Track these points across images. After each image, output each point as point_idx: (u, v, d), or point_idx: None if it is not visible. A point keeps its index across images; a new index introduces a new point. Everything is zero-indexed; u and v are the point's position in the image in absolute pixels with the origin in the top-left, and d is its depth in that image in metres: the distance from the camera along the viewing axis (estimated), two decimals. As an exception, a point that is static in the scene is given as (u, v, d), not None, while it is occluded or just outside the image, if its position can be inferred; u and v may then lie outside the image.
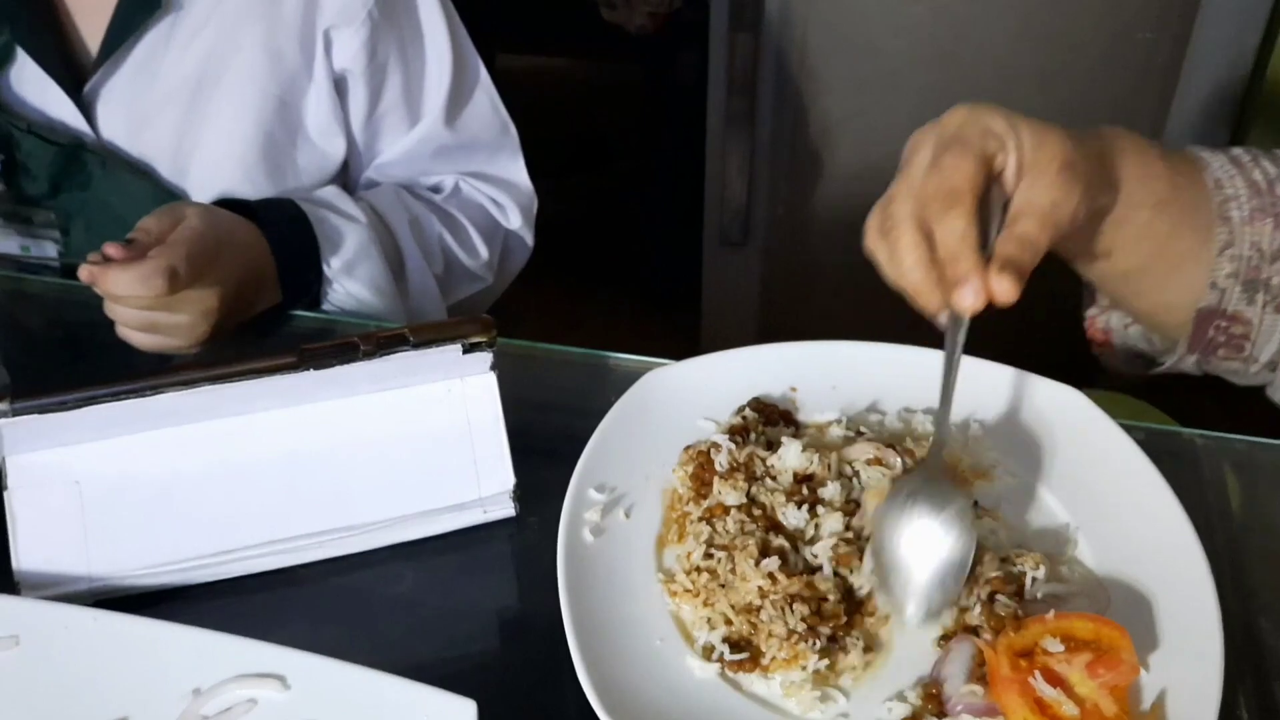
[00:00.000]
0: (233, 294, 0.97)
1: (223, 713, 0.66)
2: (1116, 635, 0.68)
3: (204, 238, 0.94)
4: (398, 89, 1.15)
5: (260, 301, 1.04)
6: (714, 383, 0.89)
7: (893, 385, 0.88)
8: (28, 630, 0.69)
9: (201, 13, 1.06)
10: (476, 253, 1.22)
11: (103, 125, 1.09)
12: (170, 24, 1.06)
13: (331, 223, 1.09)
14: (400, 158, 1.19)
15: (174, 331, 0.95)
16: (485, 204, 1.24)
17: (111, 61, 1.06)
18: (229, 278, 0.97)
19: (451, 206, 1.22)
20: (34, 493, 0.76)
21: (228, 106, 1.09)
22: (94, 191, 1.09)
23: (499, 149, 1.24)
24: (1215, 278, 0.81)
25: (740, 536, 0.75)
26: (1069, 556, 0.77)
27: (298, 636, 0.68)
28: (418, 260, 1.16)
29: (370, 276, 1.11)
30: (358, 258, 1.10)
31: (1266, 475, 0.89)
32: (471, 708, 0.64)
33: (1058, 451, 0.83)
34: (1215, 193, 0.81)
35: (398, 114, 1.17)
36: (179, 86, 1.08)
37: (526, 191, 1.26)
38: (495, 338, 0.79)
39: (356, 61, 1.11)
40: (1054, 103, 2.03)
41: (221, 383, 0.75)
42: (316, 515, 0.79)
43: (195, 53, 1.07)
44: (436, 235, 1.19)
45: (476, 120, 1.21)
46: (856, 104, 2.13)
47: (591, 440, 0.82)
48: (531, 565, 0.79)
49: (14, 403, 0.72)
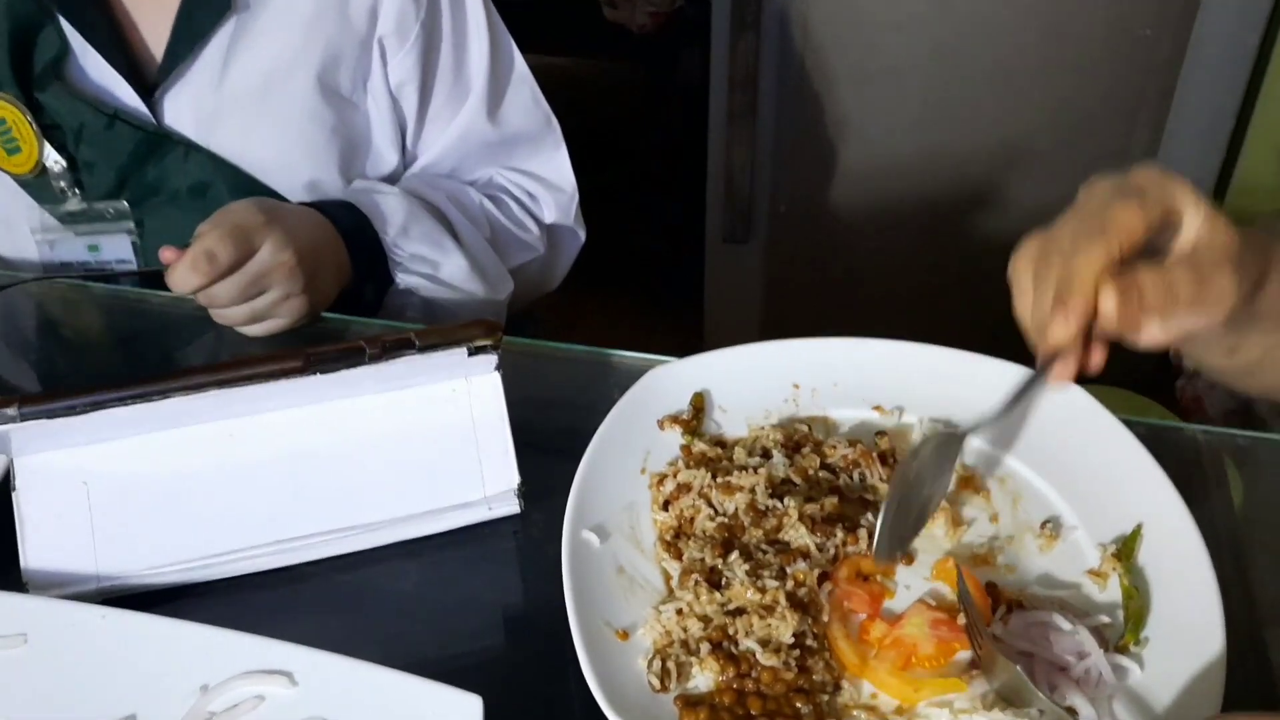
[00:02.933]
0: (308, 252, 0.99)
1: (230, 709, 0.66)
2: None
3: (242, 213, 0.97)
4: (445, 93, 1.17)
5: (338, 270, 1.05)
6: (716, 380, 0.89)
7: (895, 383, 0.89)
8: (36, 628, 0.70)
9: (270, 15, 1.07)
10: (522, 223, 1.23)
11: (170, 125, 1.09)
12: (237, 25, 1.06)
13: (371, 198, 1.11)
14: (443, 155, 1.20)
15: (276, 310, 0.98)
16: (519, 194, 1.24)
17: (181, 65, 1.06)
18: (295, 236, 0.98)
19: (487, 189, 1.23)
20: (42, 493, 0.77)
21: (297, 110, 1.10)
22: (166, 185, 1.10)
23: (541, 142, 1.25)
24: None
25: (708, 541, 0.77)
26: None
27: (305, 633, 0.68)
28: (464, 223, 1.16)
29: (425, 233, 1.12)
30: (408, 220, 1.11)
31: (1268, 470, 0.90)
32: (477, 703, 0.64)
33: (1060, 447, 0.83)
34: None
35: (446, 114, 1.18)
36: (246, 88, 1.08)
37: (568, 186, 1.27)
38: (500, 340, 0.79)
39: (410, 70, 1.13)
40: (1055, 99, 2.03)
41: (227, 386, 0.75)
42: (323, 514, 0.80)
43: (263, 55, 1.07)
44: (477, 202, 1.20)
45: (518, 114, 1.22)
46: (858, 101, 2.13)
47: (595, 437, 0.82)
48: (536, 561, 0.80)
49: (22, 407, 0.72)
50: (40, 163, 1.08)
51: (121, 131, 1.07)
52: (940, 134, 2.10)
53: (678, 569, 0.76)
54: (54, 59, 1.06)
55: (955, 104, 2.05)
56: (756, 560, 0.75)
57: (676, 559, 0.76)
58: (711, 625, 0.72)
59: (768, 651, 0.70)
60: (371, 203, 1.10)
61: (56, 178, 1.09)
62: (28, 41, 1.06)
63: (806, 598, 0.73)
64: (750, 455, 0.83)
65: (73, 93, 1.07)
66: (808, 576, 0.74)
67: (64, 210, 1.10)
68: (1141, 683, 0.68)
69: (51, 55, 1.06)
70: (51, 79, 1.06)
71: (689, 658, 0.71)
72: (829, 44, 2.08)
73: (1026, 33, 2.00)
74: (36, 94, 1.06)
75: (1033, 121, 2.07)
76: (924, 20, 2.02)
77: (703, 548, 0.76)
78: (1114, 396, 0.93)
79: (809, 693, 0.69)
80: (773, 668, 0.69)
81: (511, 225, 1.22)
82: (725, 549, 0.76)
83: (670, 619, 0.72)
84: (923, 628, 0.72)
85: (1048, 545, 0.78)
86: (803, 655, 0.70)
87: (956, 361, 0.89)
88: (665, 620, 0.72)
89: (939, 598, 0.75)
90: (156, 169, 1.09)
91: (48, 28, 1.05)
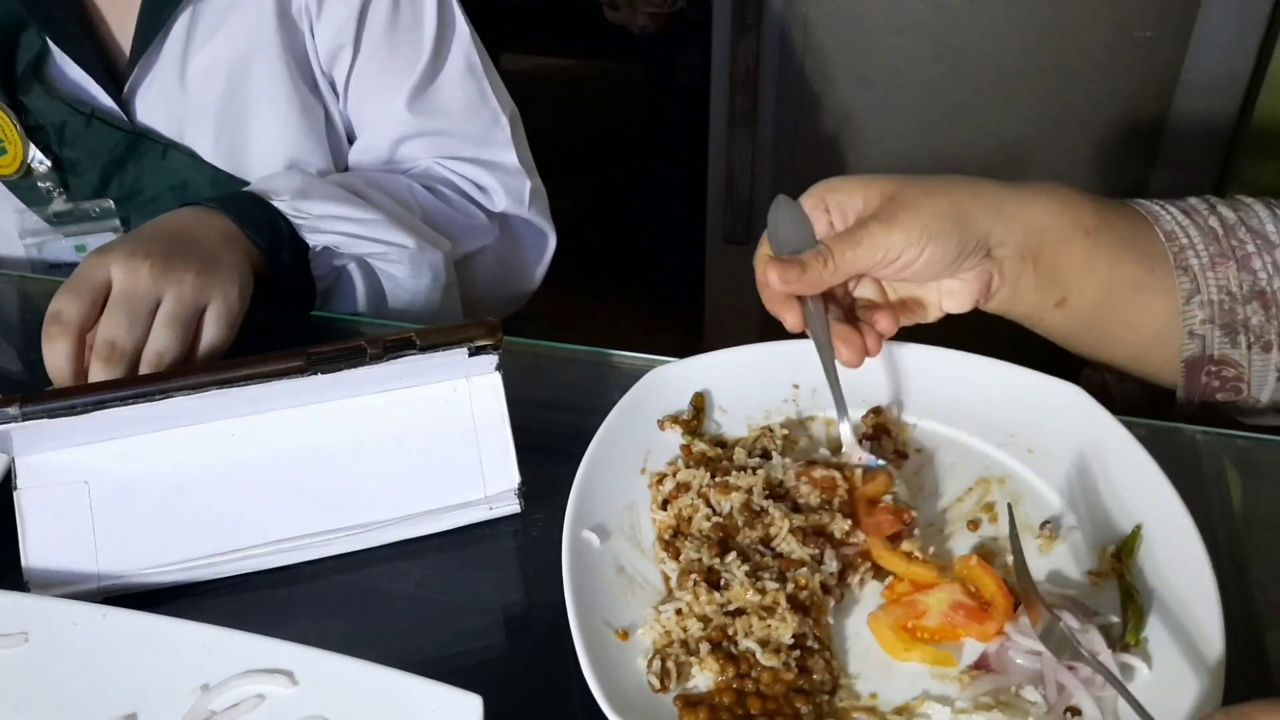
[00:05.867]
0: (166, 239, 0.91)
1: (231, 708, 0.66)
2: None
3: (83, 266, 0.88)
4: (376, 70, 1.13)
5: (225, 240, 0.96)
6: (717, 380, 0.89)
7: (894, 383, 0.89)
8: (37, 627, 0.70)
9: (226, 2, 1.07)
10: (464, 208, 1.18)
11: (144, 123, 1.09)
12: (193, 14, 1.06)
13: (262, 181, 1.06)
14: (370, 144, 1.17)
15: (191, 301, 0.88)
16: (462, 184, 1.19)
17: (145, 57, 1.07)
18: (141, 238, 0.91)
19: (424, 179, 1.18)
20: (43, 492, 0.77)
21: (263, 93, 1.09)
22: (148, 183, 1.10)
23: (485, 141, 1.20)
24: (1190, 326, 0.82)
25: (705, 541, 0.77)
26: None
27: (305, 632, 0.68)
28: (384, 198, 1.09)
29: (329, 194, 1.05)
30: (305, 187, 1.04)
31: (1267, 471, 0.89)
32: (478, 702, 0.64)
33: (1059, 447, 0.83)
34: (1170, 244, 0.83)
35: (376, 98, 1.14)
36: (210, 80, 1.08)
37: (521, 176, 1.21)
38: (501, 340, 0.79)
39: (341, 35, 1.10)
40: (1055, 100, 2.03)
41: (228, 386, 0.75)
42: (323, 513, 0.80)
43: (221, 42, 1.07)
44: (405, 185, 1.14)
45: (455, 106, 1.17)
46: (859, 102, 2.13)
47: (595, 437, 0.82)
48: (536, 561, 0.80)
49: (23, 407, 0.72)
50: (26, 163, 1.08)
51: (99, 131, 1.07)
52: (940, 135, 2.10)
53: (675, 569, 0.76)
54: (34, 60, 1.06)
55: (955, 105, 2.05)
56: (755, 562, 0.75)
57: (674, 558, 0.77)
58: (711, 625, 0.72)
59: (768, 652, 0.70)
60: (264, 182, 1.06)
61: (42, 178, 1.09)
62: (9, 43, 1.06)
63: (808, 600, 0.73)
64: (750, 456, 0.83)
65: (53, 93, 1.07)
66: (809, 581, 0.73)
67: (50, 211, 1.10)
68: (1142, 683, 0.68)
69: (32, 56, 1.06)
70: (33, 80, 1.07)
71: (689, 658, 0.71)
72: (829, 46, 2.09)
73: (1027, 34, 2.00)
74: (20, 96, 1.07)
75: (1033, 123, 2.07)
76: (925, 22, 2.02)
77: (699, 547, 0.76)
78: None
79: (809, 693, 0.69)
80: (773, 668, 0.69)
81: (448, 208, 1.17)
82: (721, 549, 0.76)
83: (670, 619, 0.72)
84: (942, 604, 0.72)
85: (1047, 546, 0.78)
86: (803, 656, 0.70)
87: (956, 362, 0.89)
88: (665, 620, 0.72)
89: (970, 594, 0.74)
90: (137, 168, 1.09)
91: (28, 29, 1.06)
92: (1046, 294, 0.83)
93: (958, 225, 0.79)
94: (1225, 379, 0.84)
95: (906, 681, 0.70)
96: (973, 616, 0.72)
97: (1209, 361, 0.83)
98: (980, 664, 0.71)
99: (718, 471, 0.81)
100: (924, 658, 0.71)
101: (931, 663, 0.71)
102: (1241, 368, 0.83)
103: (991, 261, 0.82)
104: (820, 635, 0.72)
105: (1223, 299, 0.82)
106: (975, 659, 0.71)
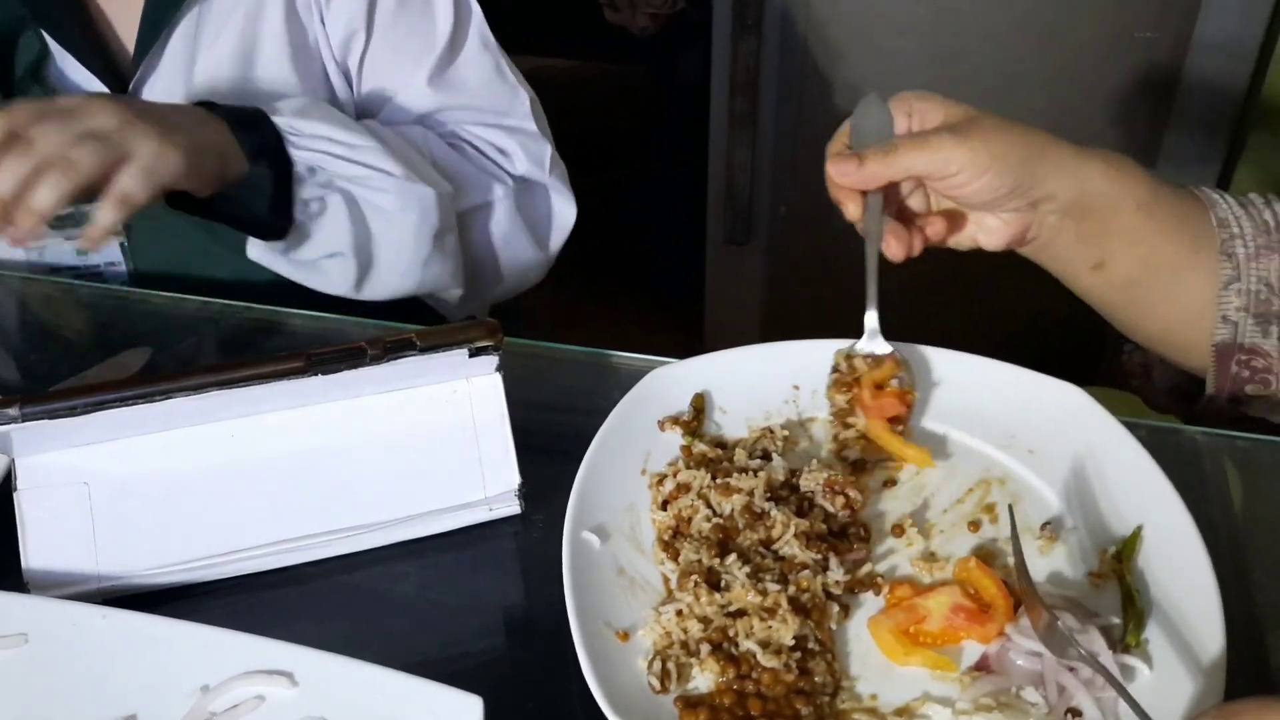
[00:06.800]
0: (147, 109, 0.92)
1: (231, 709, 0.66)
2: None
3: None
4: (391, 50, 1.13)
5: (200, 124, 0.96)
6: (717, 381, 0.89)
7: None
8: (36, 628, 0.70)
9: (229, 1, 1.06)
10: (481, 164, 1.17)
11: None
12: (200, 11, 1.06)
13: (276, 102, 1.05)
14: (390, 120, 1.16)
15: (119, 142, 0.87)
16: (482, 145, 1.18)
17: (150, 57, 1.06)
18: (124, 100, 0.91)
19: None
20: (43, 493, 0.77)
21: (270, 89, 1.09)
22: None
23: (506, 112, 1.19)
24: (1225, 311, 0.82)
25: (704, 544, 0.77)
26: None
27: (305, 634, 0.68)
28: (389, 133, 1.09)
29: (327, 116, 1.04)
30: (307, 108, 1.04)
31: (1268, 473, 0.90)
32: (478, 704, 0.64)
33: (1059, 448, 0.83)
34: (1220, 230, 0.84)
35: (392, 77, 1.14)
36: (218, 75, 1.07)
37: (535, 139, 1.20)
38: (501, 341, 0.79)
39: (353, 21, 1.10)
40: (1056, 101, 2.03)
41: (229, 387, 0.75)
42: (323, 514, 0.80)
43: (228, 40, 1.07)
44: (420, 131, 1.14)
45: (475, 81, 1.17)
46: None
47: (596, 438, 0.82)
48: (536, 562, 0.80)
49: (23, 408, 0.72)
50: None
51: None
52: (941, 136, 2.10)
53: (675, 570, 0.76)
54: (34, 62, 1.06)
55: (956, 106, 2.05)
56: (756, 564, 0.75)
57: (674, 559, 0.76)
58: (712, 627, 0.72)
59: (768, 653, 0.69)
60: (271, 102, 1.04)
61: None
62: (8, 46, 1.06)
63: (810, 602, 0.73)
64: (750, 457, 0.83)
65: (53, 95, 1.06)
66: (811, 583, 0.73)
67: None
68: (1143, 684, 0.68)
69: (31, 58, 1.06)
70: (31, 82, 1.06)
71: (689, 659, 0.71)
72: (830, 47, 2.09)
73: (1027, 35, 2.00)
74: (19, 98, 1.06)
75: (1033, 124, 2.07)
76: (925, 23, 2.02)
77: (699, 548, 0.76)
78: (1114, 398, 0.93)
79: (810, 695, 0.69)
80: (773, 669, 0.69)
81: (460, 157, 1.15)
82: (721, 550, 0.76)
83: (670, 620, 0.72)
84: (943, 607, 0.72)
85: (1048, 547, 0.78)
86: (804, 657, 0.70)
87: (957, 363, 0.89)
88: (665, 621, 0.72)
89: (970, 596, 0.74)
90: None
91: (27, 31, 1.05)
92: (1084, 255, 0.85)
93: (1022, 165, 0.81)
94: (1255, 369, 0.84)
95: (907, 683, 0.70)
96: (973, 618, 0.72)
97: (1239, 350, 0.84)
98: (981, 665, 0.71)
99: (718, 473, 0.81)
100: (924, 663, 0.71)
101: (933, 666, 0.70)
102: (1271, 358, 0.83)
103: (1034, 213, 0.84)
104: (821, 637, 0.72)
105: (1260, 289, 0.82)
106: (976, 660, 0.71)
